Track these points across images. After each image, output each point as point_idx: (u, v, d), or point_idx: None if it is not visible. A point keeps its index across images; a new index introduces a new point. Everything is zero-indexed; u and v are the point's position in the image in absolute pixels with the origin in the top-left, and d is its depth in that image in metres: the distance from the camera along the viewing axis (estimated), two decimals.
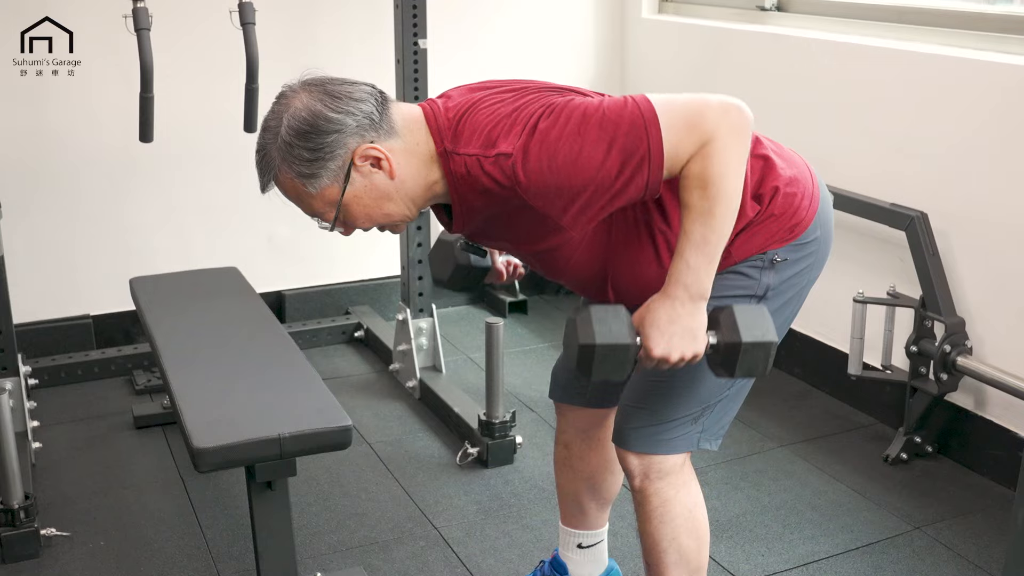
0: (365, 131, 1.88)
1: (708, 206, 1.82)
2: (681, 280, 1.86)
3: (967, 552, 2.91)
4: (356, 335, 4.43)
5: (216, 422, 2.35)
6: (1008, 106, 3.09)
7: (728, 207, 1.84)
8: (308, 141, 1.87)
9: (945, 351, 3.21)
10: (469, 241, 2.20)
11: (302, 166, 1.88)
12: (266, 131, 1.92)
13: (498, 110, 1.89)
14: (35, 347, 4.04)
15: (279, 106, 1.91)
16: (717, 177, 1.81)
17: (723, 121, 1.81)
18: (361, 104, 1.89)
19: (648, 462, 2.11)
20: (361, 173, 1.90)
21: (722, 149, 1.80)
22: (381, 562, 2.90)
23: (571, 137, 1.81)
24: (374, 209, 1.95)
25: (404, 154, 1.92)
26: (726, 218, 1.85)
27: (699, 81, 4.30)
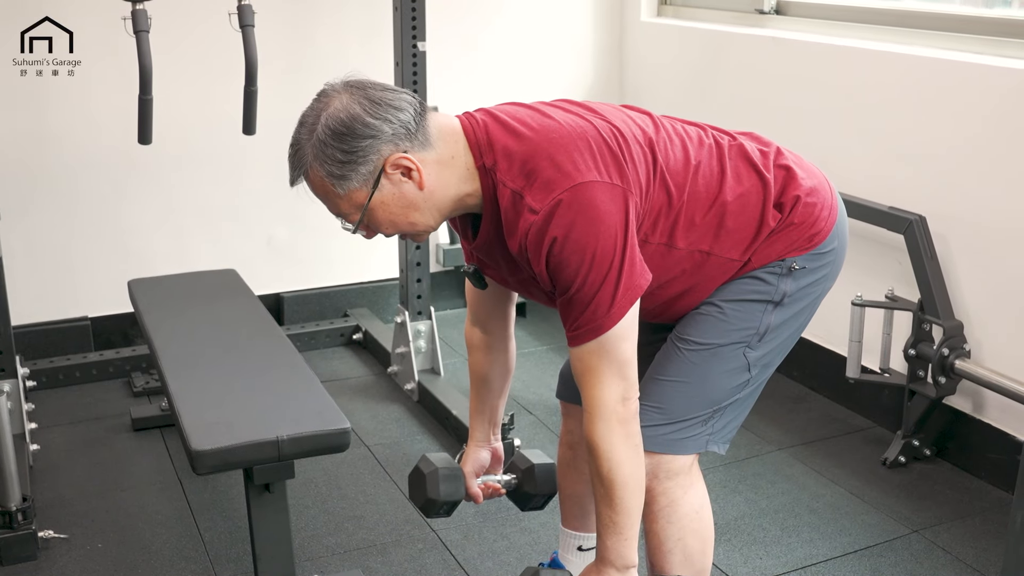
0: (400, 140, 1.90)
1: (605, 492, 1.99)
2: (607, 559, 2.04)
3: (965, 555, 2.91)
4: (354, 337, 4.43)
5: (214, 424, 2.35)
6: (1006, 109, 3.09)
7: (625, 490, 1.98)
8: (343, 142, 1.87)
9: (943, 354, 3.22)
10: (476, 270, 2.20)
11: (333, 166, 1.89)
12: (302, 126, 1.93)
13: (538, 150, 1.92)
14: (33, 349, 4.04)
15: (318, 103, 1.92)
16: (603, 469, 1.97)
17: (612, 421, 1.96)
18: (400, 113, 1.90)
19: (657, 461, 2.12)
20: (391, 181, 1.92)
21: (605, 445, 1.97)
22: (379, 564, 2.89)
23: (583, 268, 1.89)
24: (399, 217, 1.96)
25: (436, 165, 1.94)
26: (625, 500, 1.99)
27: (698, 84, 4.30)
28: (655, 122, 2.09)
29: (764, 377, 2.17)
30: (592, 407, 1.96)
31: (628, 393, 1.95)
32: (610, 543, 2.02)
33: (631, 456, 1.97)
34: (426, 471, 2.34)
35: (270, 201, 4.32)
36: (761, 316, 2.09)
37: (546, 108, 2.03)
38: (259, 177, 4.25)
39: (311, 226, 4.40)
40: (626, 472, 1.97)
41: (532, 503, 2.49)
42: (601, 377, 1.94)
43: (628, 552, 2.03)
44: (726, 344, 2.09)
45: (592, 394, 1.96)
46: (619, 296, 1.90)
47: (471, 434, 2.45)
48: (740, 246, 2.06)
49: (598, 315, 1.91)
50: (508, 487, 2.46)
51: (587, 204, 1.87)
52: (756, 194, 2.05)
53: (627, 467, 1.97)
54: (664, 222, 2.01)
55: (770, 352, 2.14)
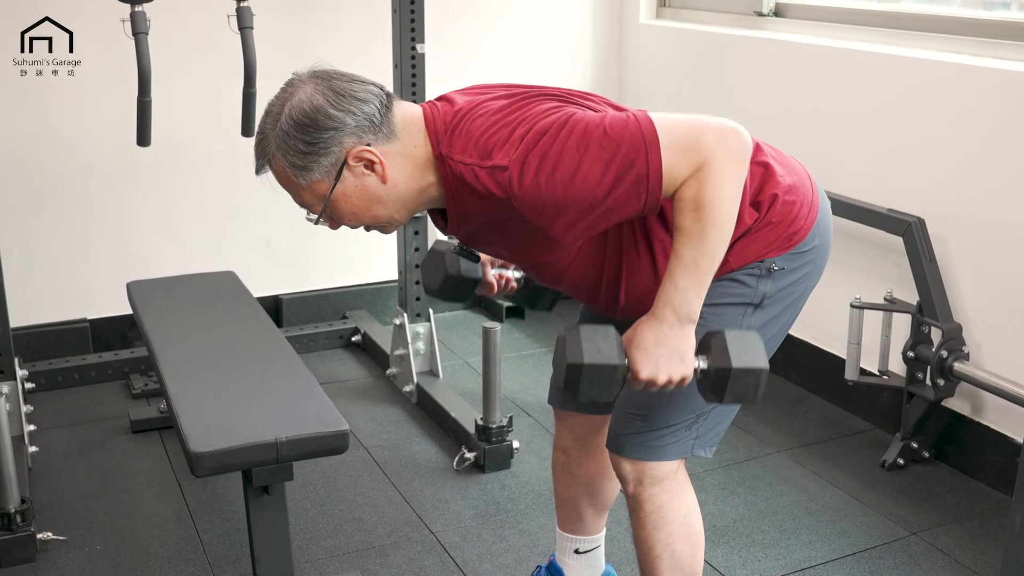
0: (363, 132, 1.89)
1: (700, 229, 1.82)
2: (669, 302, 1.87)
3: (964, 557, 2.91)
4: (353, 339, 4.43)
5: (213, 426, 2.35)
6: (1005, 112, 3.09)
7: (721, 231, 1.83)
8: (305, 134, 1.87)
9: (942, 357, 3.22)
10: (463, 246, 2.20)
11: (295, 157, 1.89)
12: (268, 116, 1.93)
13: (496, 118, 1.89)
14: (32, 351, 4.04)
15: (284, 93, 1.92)
16: (711, 201, 1.80)
17: (720, 145, 1.81)
18: (364, 105, 1.89)
19: (641, 468, 2.11)
20: (353, 173, 1.91)
21: (717, 173, 1.80)
22: (378, 567, 2.89)
23: (570, 153, 1.81)
24: (362, 210, 1.95)
25: (400, 158, 1.92)
26: (718, 242, 1.84)
27: (697, 86, 4.31)
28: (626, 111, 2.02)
29: None
30: (705, 153, 1.81)
31: (724, 133, 1.83)
32: (683, 286, 1.85)
33: (736, 199, 1.84)
34: (443, 248, 2.29)
35: (269, 203, 4.28)
36: (741, 319, 2.05)
37: (509, 85, 2.01)
38: (257, 179, 4.23)
39: (310, 228, 4.35)
40: (729, 210, 1.84)
41: (541, 301, 2.42)
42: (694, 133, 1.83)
43: (698, 302, 1.88)
44: None
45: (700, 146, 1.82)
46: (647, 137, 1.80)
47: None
48: None
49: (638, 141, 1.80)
50: (519, 283, 2.39)
51: (558, 126, 1.82)
52: None
53: (731, 206, 1.84)
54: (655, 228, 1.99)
55: None
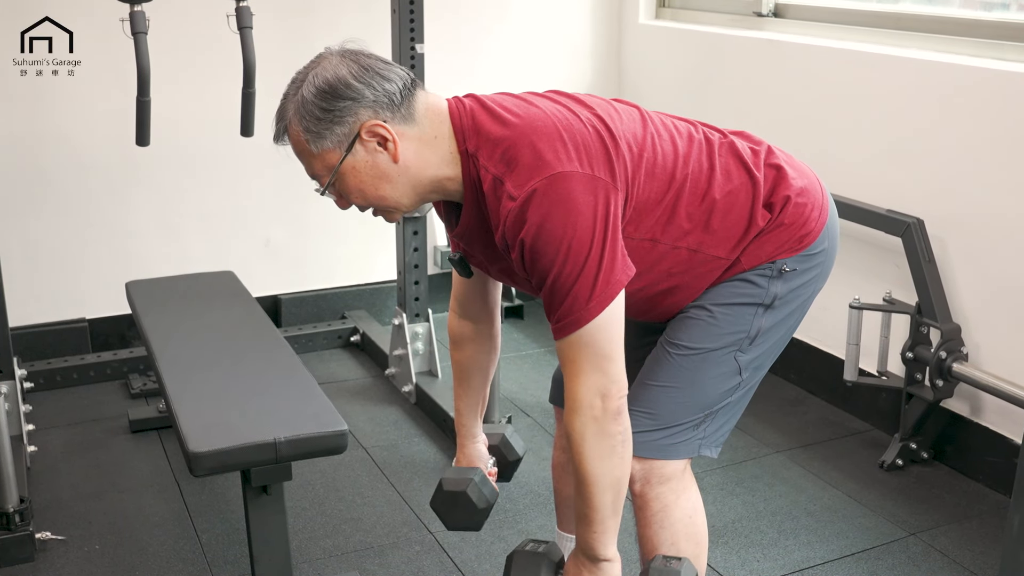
0: (381, 108, 1.90)
1: (577, 484, 1.98)
2: (579, 547, 2.03)
3: (962, 558, 2.91)
4: (352, 340, 4.43)
5: (212, 426, 2.35)
6: (1005, 113, 3.09)
7: (593, 488, 1.96)
8: (323, 100, 1.88)
9: (941, 357, 3.22)
10: (462, 257, 2.20)
11: (310, 122, 1.90)
12: (292, 83, 1.95)
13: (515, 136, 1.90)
14: (31, 350, 4.03)
15: (312, 64, 1.94)
16: (576, 461, 1.96)
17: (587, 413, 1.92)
18: (386, 82, 1.90)
19: (649, 467, 2.11)
20: (365, 148, 1.91)
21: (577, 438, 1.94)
22: (376, 567, 2.89)
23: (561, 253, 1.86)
24: (369, 187, 1.95)
25: (416, 142, 1.93)
26: (594, 496, 1.97)
27: (696, 87, 4.30)
28: (643, 116, 2.06)
29: (756, 380, 2.16)
30: (570, 400, 1.94)
31: (608, 389, 1.91)
32: (580, 533, 2.02)
33: (603, 453, 1.94)
34: (462, 488, 2.32)
35: (268, 203, 4.32)
36: (752, 319, 2.07)
37: (534, 98, 2.01)
38: (257, 179, 4.25)
39: (309, 228, 4.41)
40: (596, 469, 1.94)
41: (511, 470, 2.51)
42: (580, 370, 1.91)
43: (597, 545, 2.01)
44: (717, 348, 2.07)
45: (571, 387, 1.93)
46: (598, 288, 1.87)
47: (467, 431, 2.43)
48: (728, 244, 2.04)
49: (576, 307, 1.88)
50: (497, 466, 2.47)
51: (564, 194, 1.85)
52: (745, 193, 2.04)
53: (597, 464, 1.94)
54: (650, 218, 1.99)
55: (761, 355, 2.12)
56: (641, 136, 2.00)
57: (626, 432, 1.96)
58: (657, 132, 2.04)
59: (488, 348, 2.37)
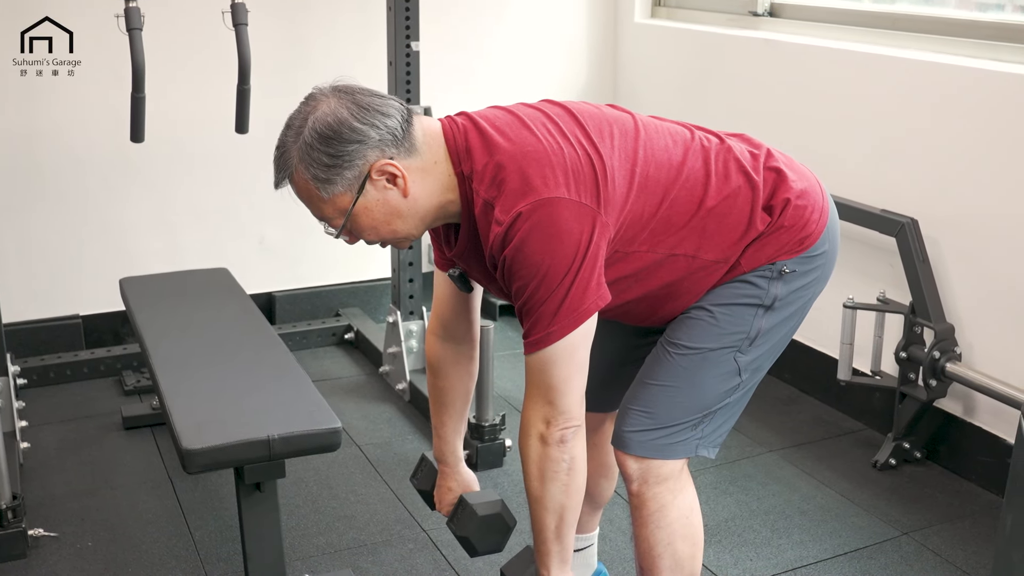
0: (387, 146, 1.90)
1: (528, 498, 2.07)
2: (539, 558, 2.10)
3: (955, 558, 2.91)
4: (346, 337, 4.43)
5: (205, 423, 2.35)
6: (999, 113, 3.10)
7: (537, 507, 2.04)
8: (329, 146, 1.87)
9: (934, 357, 3.22)
10: (462, 273, 2.20)
11: (319, 170, 1.89)
12: (289, 129, 1.93)
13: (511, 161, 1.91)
14: (24, 347, 4.03)
15: (306, 107, 1.92)
16: (524, 479, 2.05)
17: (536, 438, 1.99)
18: (387, 119, 1.90)
19: (647, 466, 2.11)
20: (375, 187, 1.92)
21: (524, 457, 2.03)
22: (370, 564, 2.89)
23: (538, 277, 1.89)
24: (382, 224, 1.96)
25: (420, 172, 1.94)
26: (537, 514, 2.04)
27: (691, 86, 4.31)
28: (636, 126, 2.05)
29: (755, 381, 2.16)
30: (521, 419, 2.02)
31: (552, 418, 1.96)
32: (535, 545, 2.10)
33: (547, 476, 1.99)
34: (496, 510, 2.33)
35: (263, 200, 4.31)
36: (752, 320, 2.08)
37: (527, 118, 2.00)
38: (252, 176, 4.24)
39: (303, 225, 4.36)
40: (538, 491, 2.01)
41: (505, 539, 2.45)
42: (531, 394, 1.98)
43: (543, 565, 2.08)
44: (716, 349, 2.08)
45: (523, 407, 2.01)
46: (561, 314, 1.89)
47: (455, 457, 2.42)
48: (726, 249, 2.04)
49: (538, 328, 1.91)
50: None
51: (547, 219, 1.86)
52: (744, 197, 2.04)
53: (539, 486, 2.00)
54: (645, 230, 2.00)
55: (761, 356, 2.13)
56: (632, 150, 2.00)
57: (573, 462, 1.99)
58: (650, 141, 2.03)
59: (469, 372, 2.37)
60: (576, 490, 2.01)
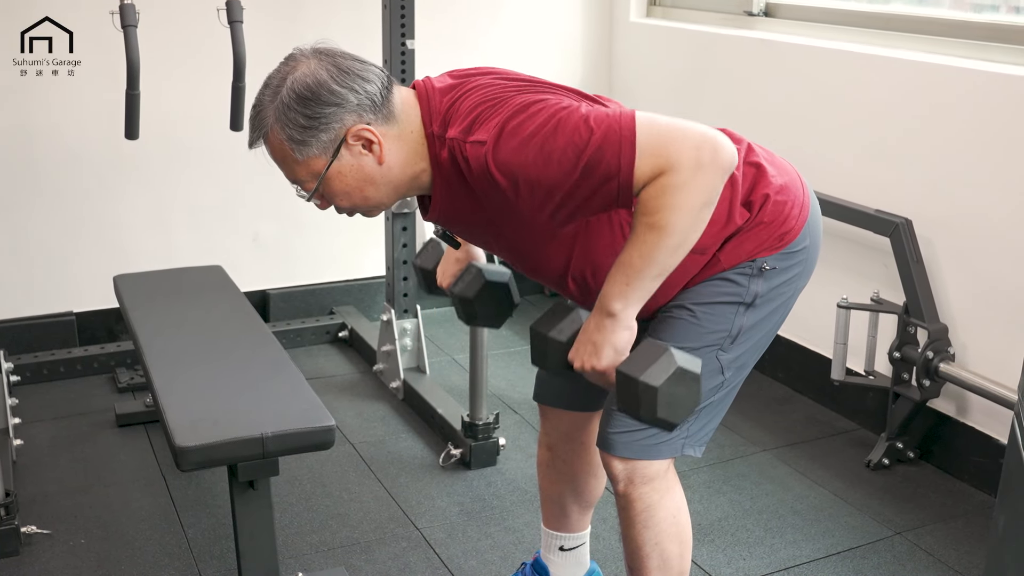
0: (364, 111, 1.89)
1: (647, 235, 1.82)
2: (602, 295, 1.90)
3: (947, 558, 2.92)
4: (340, 335, 4.43)
5: (199, 421, 2.35)
6: (993, 113, 3.10)
7: (669, 240, 1.81)
8: (306, 108, 1.86)
9: (928, 357, 3.23)
10: (445, 231, 2.20)
11: (294, 131, 1.88)
12: (266, 88, 1.93)
13: (486, 96, 1.90)
14: (17, 344, 4.02)
15: (285, 67, 1.92)
16: (665, 210, 1.79)
17: (691, 155, 1.78)
18: (367, 84, 1.89)
19: (632, 467, 2.11)
20: (351, 152, 1.90)
21: (680, 184, 1.78)
22: (363, 563, 2.89)
23: (544, 137, 1.80)
24: (355, 190, 1.95)
25: (397, 141, 1.92)
26: (664, 251, 1.83)
27: (686, 85, 4.31)
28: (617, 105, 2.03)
29: (739, 378, 2.16)
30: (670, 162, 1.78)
31: (701, 142, 1.79)
32: (608, 280, 1.89)
33: (693, 207, 1.80)
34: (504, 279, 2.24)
35: (257, 197, 4.31)
36: (733, 318, 2.07)
37: (509, 73, 2.01)
38: (246, 173, 4.24)
39: (298, 223, 4.40)
40: (685, 222, 1.80)
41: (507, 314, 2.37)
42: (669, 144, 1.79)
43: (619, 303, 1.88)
44: (699, 347, 2.05)
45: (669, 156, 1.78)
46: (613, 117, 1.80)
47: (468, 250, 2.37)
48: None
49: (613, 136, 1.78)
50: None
51: (538, 109, 1.82)
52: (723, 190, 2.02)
53: (688, 218, 1.80)
54: (624, 214, 1.98)
55: (744, 353, 2.12)
56: None
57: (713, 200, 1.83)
58: None
59: None
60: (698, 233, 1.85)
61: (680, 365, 1.83)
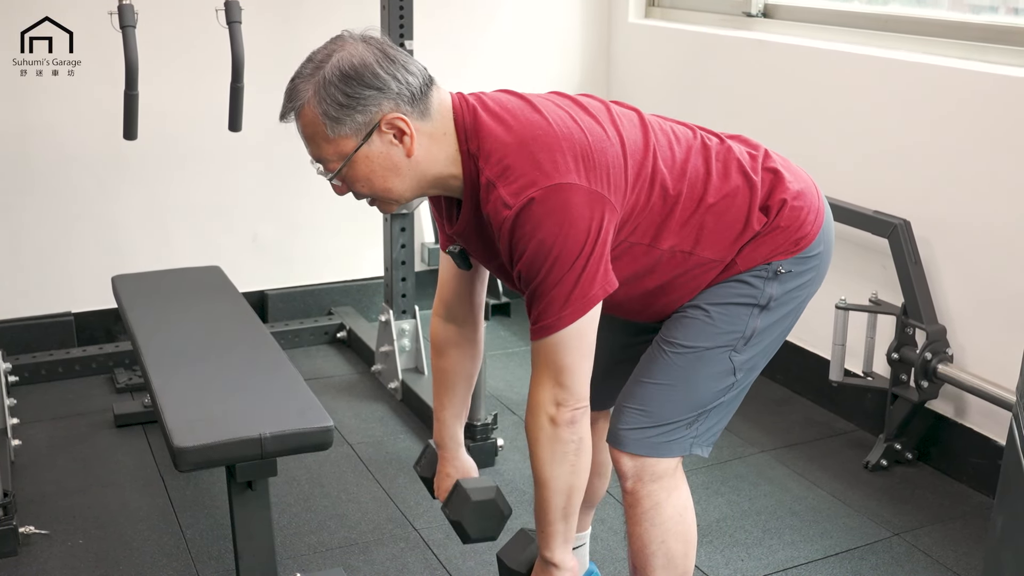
0: (403, 101, 1.89)
1: (534, 482, 2.05)
2: (539, 547, 2.12)
3: (945, 559, 2.92)
4: (339, 336, 4.43)
5: (197, 421, 2.35)
6: (991, 115, 3.10)
7: (544, 490, 2.03)
8: (347, 86, 1.87)
9: (926, 359, 3.23)
10: (462, 250, 2.20)
11: (331, 107, 1.88)
12: (308, 63, 1.93)
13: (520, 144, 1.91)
14: (16, 344, 4.02)
15: (332, 45, 1.93)
16: (532, 462, 2.03)
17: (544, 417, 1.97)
18: (409, 76, 1.91)
19: (642, 464, 2.12)
20: (382, 139, 1.91)
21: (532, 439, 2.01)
22: (361, 563, 2.89)
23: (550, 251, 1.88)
24: (378, 177, 1.94)
25: (428, 139, 1.93)
26: (545, 498, 2.03)
27: (685, 86, 4.31)
28: (643, 122, 2.07)
29: (749, 380, 2.17)
30: (529, 401, 2.00)
31: (562, 399, 1.95)
32: (537, 531, 2.10)
33: (556, 458, 1.99)
34: (490, 496, 2.31)
35: (255, 198, 4.31)
36: (747, 320, 2.09)
37: (538, 102, 2.01)
38: (245, 174, 4.24)
39: (296, 224, 4.40)
40: (547, 472, 2.00)
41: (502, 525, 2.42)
42: (539, 376, 1.97)
43: (546, 547, 2.08)
44: (712, 347, 2.09)
45: (531, 389, 1.99)
46: (573, 300, 1.89)
47: (455, 441, 2.40)
48: (722, 248, 2.05)
49: (549, 314, 1.90)
50: None
51: (560, 205, 1.86)
52: (742, 196, 2.05)
53: (549, 467, 2.00)
54: (646, 222, 2.01)
55: (755, 356, 2.14)
56: (643, 144, 2.01)
57: (581, 443, 1.99)
58: (657, 140, 2.04)
59: (473, 354, 2.36)
60: (583, 470, 2.02)
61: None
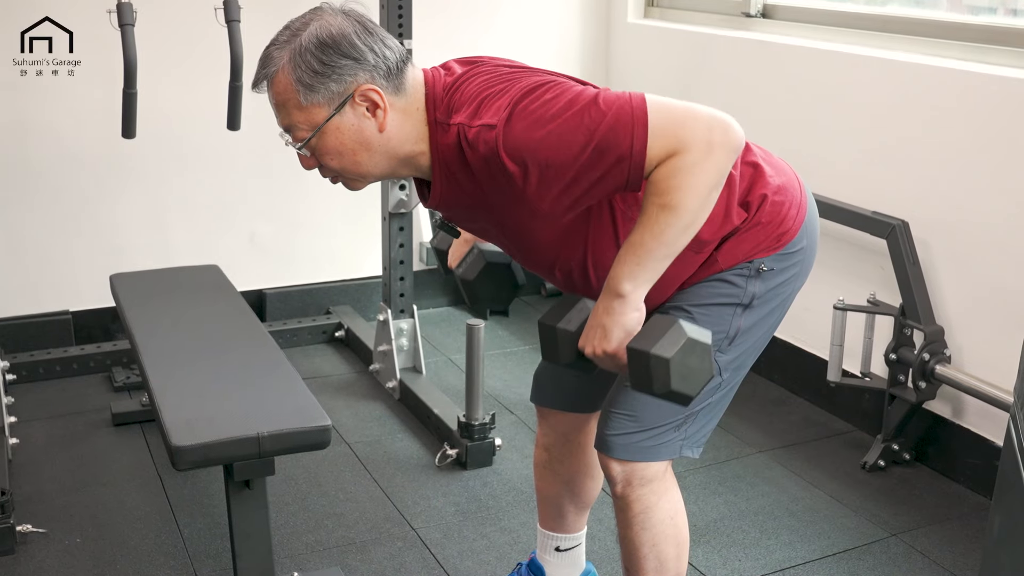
0: (378, 74, 1.89)
1: (659, 216, 1.82)
2: (610, 278, 1.90)
3: (943, 559, 2.92)
4: (337, 335, 4.42)
5: (195, 420, 2.35)
6: (991, 116, 3.10)
7: (680, 220, 1.82)
8: (323, 54, 1.86)
9: (924, 359, 3.23)
10: (446, 221, 2.19)
11: (305, 73, 1.86)
12: (286, 30, 1.92)
13: (491, 81, 1.90)
14: (13, 342, 4.02)
15: (311, 15, 1.91)
16: (676, 190, 1.80)
17: (702, 135, 1.80)
18: (386, 50, 1.90)
19: (630, 469, 2.11)
20: (354, 111, 1.89)
21: (691, 164, 1.79)
22: (358, 562, 2.89)
23: (555, 118, 1.81)
24: (348, 151, 1.92)
25: (401, 115, 1.92)
26: (675, 231, 1.83)
27: (683, 86, 4.31)
28: None
29: (737, 379, 2.16)
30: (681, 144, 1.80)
31: (712, 124, 1.81)
32: (622, 258, 1.88)
33: (705, 188, 1.81)
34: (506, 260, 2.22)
35: (254, 197, 4.31)
36: (731, 319, 2.07)
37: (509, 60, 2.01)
38: (243, 173, 4.24)
39: (295, 223, 4.40)
40: (694, 203, 1.81)
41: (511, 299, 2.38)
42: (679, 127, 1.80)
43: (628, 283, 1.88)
44: None
45: (680, 138, 1.80)
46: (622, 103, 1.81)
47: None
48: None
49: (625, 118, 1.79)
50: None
51: (547, 90, 1.84)
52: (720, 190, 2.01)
53: (697, 199, 1.81)
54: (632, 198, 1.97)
55: (742, 355, 2.12)
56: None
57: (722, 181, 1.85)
58: None
59: None
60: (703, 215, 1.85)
61: (690, 336, 1.83)
